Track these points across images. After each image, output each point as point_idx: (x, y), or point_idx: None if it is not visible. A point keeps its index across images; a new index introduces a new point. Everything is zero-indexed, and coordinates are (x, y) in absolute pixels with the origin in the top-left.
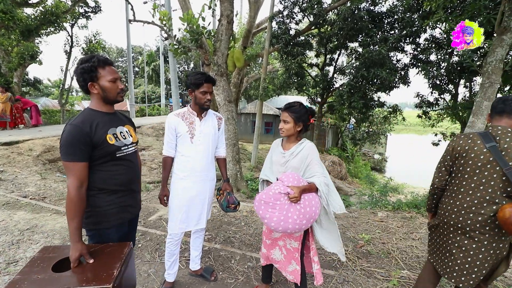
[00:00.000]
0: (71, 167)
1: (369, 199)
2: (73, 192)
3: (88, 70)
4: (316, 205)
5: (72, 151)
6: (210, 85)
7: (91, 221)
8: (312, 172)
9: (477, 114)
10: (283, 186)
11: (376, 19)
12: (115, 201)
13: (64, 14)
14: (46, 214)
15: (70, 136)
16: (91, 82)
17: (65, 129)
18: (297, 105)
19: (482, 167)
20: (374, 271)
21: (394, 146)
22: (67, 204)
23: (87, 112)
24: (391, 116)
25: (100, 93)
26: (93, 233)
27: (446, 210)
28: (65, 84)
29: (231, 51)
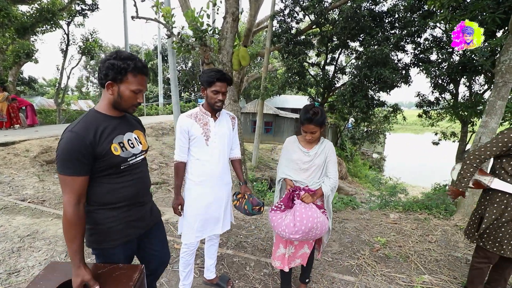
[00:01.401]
0: (68, 182)
1: (377, 200)
2: (70, 210)
3: (117, 69)
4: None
5: (71, 164)
6: (223, 84)
7: (93, 239)
8: (329, 169)
9: (491, 114)
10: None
11: (377, 19)
12: (119, 216)
13: (61, 12)
14: (47, 219)
15: (69, 145)
16: (112, 82)
17: (63, 136)
18: (319, 113)
19: None
20: (395, 276)
21: (392, 145)
22: (64, 225)
23: (91, 115)
24: (391, 115)
25: (114, 97)
26: (98, 252)
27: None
28: (61, 83)
29: (236, 50)
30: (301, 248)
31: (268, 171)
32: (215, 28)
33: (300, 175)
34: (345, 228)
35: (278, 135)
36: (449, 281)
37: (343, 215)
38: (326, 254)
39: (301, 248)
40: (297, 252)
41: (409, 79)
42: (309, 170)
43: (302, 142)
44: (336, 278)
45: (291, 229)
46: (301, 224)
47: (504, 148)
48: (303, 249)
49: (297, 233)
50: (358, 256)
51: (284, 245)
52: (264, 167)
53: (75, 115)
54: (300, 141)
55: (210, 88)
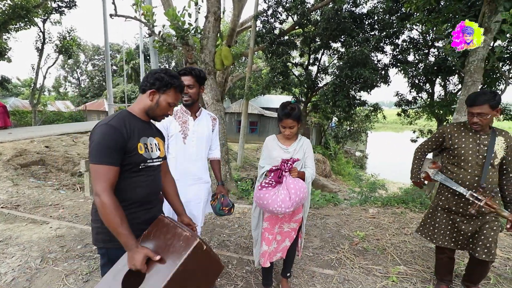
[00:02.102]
0: (103, 172)
1: (358, 196)
2: (107, 198)
3: (164, 83)
4: (302, 189)
5: (108, 153)
6: (186, 78)
7: (100, 238)
8: (307, 164)
9: (461, 111)
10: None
11: (357, 20)
12: (127, 217)
13: (35, 9)
14: (21, 224)
15: (107, 136)
16: (156, 90)
17: (98, 129)
18: (296, 109)
19: None
20: (373, 268)
21: (373, 143)
22: (105, 215)
23: (125, 114)
24: (372, 114)
25: (152, 104)
26: (103, 252)
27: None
28: (36, 83)
29: (219, 49)
30: (282, 242)
31: (253, 170)
32: (197, 27)
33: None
34: (326, 224)
35: (263, 135)
36: (423, 270)
37: (325, 211)
38: (307, 250)
39: (283, 242)
40: (279, 247)
41: (388, 79)
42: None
43: (281, 140)
44: (316, 272)
45: (287, 203)
46: (296, 195)
47: (437, 143)
48: (285, 242)
49: (292, 205)
50: (338, 250)
51: (267, 242)
52: (250, 167)
53: (52, 116)
54: (279, 139)
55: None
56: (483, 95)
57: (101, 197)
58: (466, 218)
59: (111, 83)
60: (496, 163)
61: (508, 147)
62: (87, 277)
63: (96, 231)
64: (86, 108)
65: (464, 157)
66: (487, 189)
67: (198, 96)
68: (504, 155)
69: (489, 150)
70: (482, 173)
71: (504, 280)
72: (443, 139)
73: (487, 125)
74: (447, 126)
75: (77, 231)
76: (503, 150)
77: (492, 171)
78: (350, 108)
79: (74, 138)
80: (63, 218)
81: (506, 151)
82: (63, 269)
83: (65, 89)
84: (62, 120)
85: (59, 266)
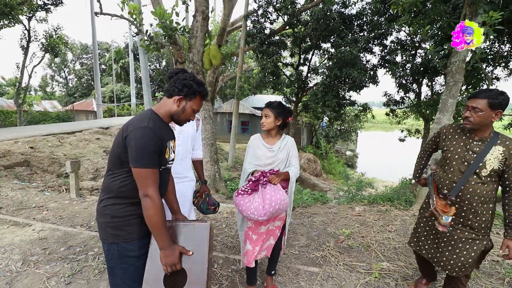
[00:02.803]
0: (150, 175)
1: (345, 194)
2: (157, 200)
3: (192, 90)
4: (279, 201)
5: (152, 157)
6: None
7: (109, 232)
8: (292, 163)
9: (443, 111)
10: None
11: (346, 21)
12: (137, 211)
13: (20, 6)
14: (2, 227)
15: (150, 140)
16: (182, 97)
17: (138, 132)
18: (277, 103)
19: None
20: (356, 265)
21: (364, 143)
22: (153, 216)
23: (155, 117)
24: (362, 114)
25: (178, 109)
26: (111, 246)
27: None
28: (21, 83)
29: (207, 49)
30: (267, 241)
31: None
32: (184, 26)
33: (264, 169)
34: (313, 222)
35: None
36: (405, 266)
37: (312, 210)
38: (293, 248)
39: (267, 240)
40: (264, 245)
41: (377, 79)
42: (273, 164)
43: (266, 139)
44: (301, 270)
45: (260, 212)
46: (270, 206)
47: (435, 143)
48: (269, 241)
49: (265, 215)
50: (323, 248)
51: (251, 242)
52: (241, 167)
53: (38, 116)
54: (264, 138)
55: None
56: (487, 91)
57: (153, 198)
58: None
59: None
60: (484, 174)
61: (508, 160)
62: (70, 279)
63: (104, 226)
64: (73, 108)
65: (449, 160)
66: (452, 197)
67: None
68: (500, 168)
69: (477, 158)
70: (460, 180)
71: (483, 275)
72: (439, 140)
73: (481, 125)
74: (445, 126)
75: (61, 233)
76: (497, 162)
77: (477, 182)
78: (339, 108)
79: (60, 139)
80: (47, 220)
81: (505, 163)
82: (44, 271)
83: (52, 89)
84: (49, 120)
85: (40, 268)
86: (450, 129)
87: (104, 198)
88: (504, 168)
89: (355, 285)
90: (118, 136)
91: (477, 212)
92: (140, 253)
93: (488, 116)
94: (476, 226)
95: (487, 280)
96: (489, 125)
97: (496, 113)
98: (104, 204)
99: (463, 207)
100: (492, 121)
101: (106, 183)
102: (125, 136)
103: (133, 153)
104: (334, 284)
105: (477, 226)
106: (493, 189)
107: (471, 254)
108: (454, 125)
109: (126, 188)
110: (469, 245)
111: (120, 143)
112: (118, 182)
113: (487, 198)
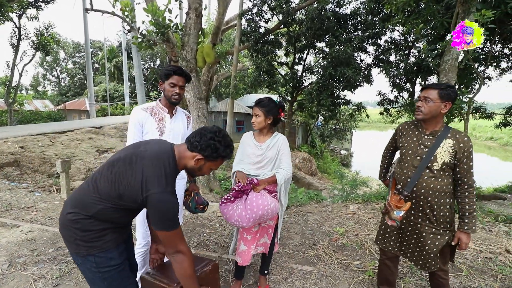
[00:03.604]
0: (179, 234)
1: (340, 193)
2: (189, 253)
3: (216, 154)
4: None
5: (176, 218)
6: (180, 78)
7: (81, 246)
8: (282, 162)
9: None
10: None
11: (341, 20)
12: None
13: (10, 3)
14: None
15: (173, 205)
16: (203, 158)
17: (163, 198)
18: (266, 100)
19: None
20: (350, 263)
21: (358, 142)
22: (187, 267)
23: (173, 169)
24: (356, 113)
25: (194, 167)
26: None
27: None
28: (12, 81)
29: (200, 46)
30: (261, 238)
31: None
32: (177, 24)
33: (253, 167)
34: (307, 221)
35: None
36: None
37: (307, 208)
38: (287, 247)
39: (262, 238)
40: (258, 242)
41: (371, 78)
42: (261, 163)
43: (257, 137)
44: (295, 269)
45: (243, 218)
46: (252, 212)
47: (394, 141)
48: (263, 238)
49: (249, 220)
50: (317, 246)
51: (245, 243)
52: None
53: (29, 115)
54: (255, 135)
55: (168, 81)
56: (439, 83)
57: (186, 253)
58: (409, 225)
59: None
60: (436, 168)
61: (458, 153)
62: (57, 281)
63: (73, 239)
64: (65, 108)
65: (404, 156)
66: (406, 192)
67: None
68: (451, 161)
69: (428, 152)
70: (414, 175)
71: (476, 272)
72: (397, 137)
73: (431, 116)
74: (401, 124)
75: (50, 234)
76: (447, 155)
77: (430, 176)
78: (334, 107)
79: (51, 138)
80: (36, 221)
81: (456, 157)
82: (32, 273)
83: (44, 88)
84: (40, 119)
85: (28, 270)
86: (405, 126)
87: (75, 212)
88: (456, 161)
89: (349, 284)
90: (129, 176)
91: (434, 207)
92: (121, 259)
93: (438, 107)
94: (435, 220)
95: (480, 277)
96: (439, 117)
97: (446, 104)
98: (74, 218)
99: (419, 202)
100: (442, 114)
101: (84, 200)
102: (145, 195)
103: (159, 218)
104: (328, 283)
105: (436, 220)
106: (448, 183)
107: (433, 248)
108: (409, 122)
109: (108, 216)
110: (431, 239)
111: (133, 191)
112: (102, 207)
113: (443, 192)
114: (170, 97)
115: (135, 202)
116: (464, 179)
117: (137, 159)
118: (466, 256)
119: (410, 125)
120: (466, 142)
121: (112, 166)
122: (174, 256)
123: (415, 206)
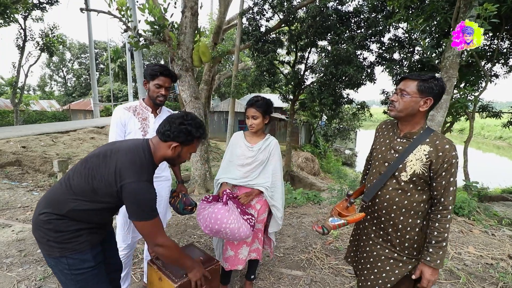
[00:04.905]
0: (156, 224)
1: (338, 194)
2: (169, 243)
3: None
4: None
5: (153, 207)
6: (167, 79)
7: (54, 247)
8: (273, 168)
9: (437, 108)
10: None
11: (343, 18)
12: (87, 226)
13: (15, 5)
14: None
15: (149, 194)
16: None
17: (135, 188)
18: (260, 99)
19: None
20: (342, 268)
21: (363, 141)
22: (171, 255)
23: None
24: (360, 112)
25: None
26: (58, 261)
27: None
28: (18, 82)
29: (196, 45)
30: (253, 243)
31: None
32: (173, 22)
33: (241, 171)
34: (302, 223)
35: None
36: None
37: (303, 210)
38: (278, 250)
39: (253, 243)
40: (251, 247)
41: (374, 76)
42: (251, 165)
43: (248, 137)
44: (284, 273)
45: (203, 222)
46: (210, 222)
47: (372, 142)
48: (255, 243)
49: (205, 228)
50: (309, 250)
51: (232, 248)
52: None
53: (35, 115)
54: (246, 135)
55: (153, 81)
56: (421, 74)
57: (165, 245)
58: (368, 244)
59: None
60: (404, 179)
61: (434, 163)
62: (40, 283)
63: (45, 240)
64: (70, 108)
65: (373, 161)
66: (351, 199)
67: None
68: (424, 173)
69: (397, 158)
70: (376, 183)
71: (475, 279)
72: (375, 138)
73: (406, 113)
74: (381, 123)
75: None
76: (420, 164)
77: (396, 188)
78: (336, 106)
79: (54, 138)
80: (29, 221)
81: (431, 168)
82: (16, 274)
83: (51, 88)
84: (45, 119)
85: (13, 271)
86: (383, 125)
87: (47, 212)
88: (431, 174)
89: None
90: (102, 169)
91: (398, 226)
92: (96, 262)
93: (415, 103)
94: (398, 243)
95: (479, 285)
96: (417, 116)
97: (426, 100)
98: (46, 218)
99: (380, 217)
100: (422, 112)
101: (57, 199)
102: (120, 185)
103: (135, 209)
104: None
105: (399, 244)
106: (421, 201)
107: (390, 278)
108: (388, 121)
109: (82, 215)
110: (389, 266)
111: (107, 183)
112: (75, 205)
113: (412, 211)
114: (155, 98)
115: (111, 195)
116: (441, 199)
117: (111, 153)
118: (465, 262)
119: (388, 124)
120: (448, 151)
121: (86, 162)
122: (156, 249)
123: (376, 222)
